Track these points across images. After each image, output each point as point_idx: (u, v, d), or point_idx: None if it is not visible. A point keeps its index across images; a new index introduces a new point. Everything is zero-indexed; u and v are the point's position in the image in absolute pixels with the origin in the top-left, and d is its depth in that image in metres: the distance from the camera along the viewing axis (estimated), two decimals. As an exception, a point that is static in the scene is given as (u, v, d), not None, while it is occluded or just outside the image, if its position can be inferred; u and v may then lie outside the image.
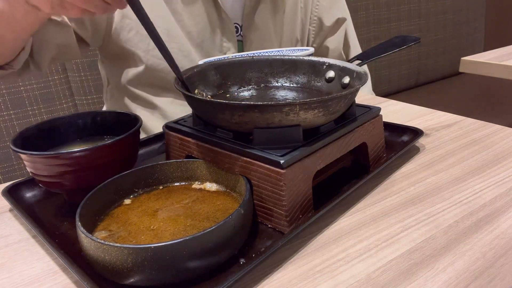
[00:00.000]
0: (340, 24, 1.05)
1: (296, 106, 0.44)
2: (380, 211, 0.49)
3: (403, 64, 2.00)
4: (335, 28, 1.04)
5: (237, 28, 0.92)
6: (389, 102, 0.86)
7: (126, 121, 0.58)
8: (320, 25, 1.03)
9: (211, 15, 0.87)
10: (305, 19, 1.00)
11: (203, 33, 0.88)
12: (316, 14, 1.02)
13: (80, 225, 0.39)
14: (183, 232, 0.42)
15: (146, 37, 0.82)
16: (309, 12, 1.01)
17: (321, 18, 1.02)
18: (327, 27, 1.03)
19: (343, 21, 1.04)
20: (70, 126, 0.59)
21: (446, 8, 2.09)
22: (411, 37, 0.65)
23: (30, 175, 0.53)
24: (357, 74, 0.55)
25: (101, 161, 0.50)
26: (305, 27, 1.02)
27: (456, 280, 0.38)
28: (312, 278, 0.40)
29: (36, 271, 0.43)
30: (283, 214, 0.44)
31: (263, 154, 0.45)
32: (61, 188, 0.51)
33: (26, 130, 0.55)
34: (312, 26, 1.03)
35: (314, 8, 1.01)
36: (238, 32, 0.92)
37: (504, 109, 1.77)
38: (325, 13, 1.02)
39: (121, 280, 0.38)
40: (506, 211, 0.47)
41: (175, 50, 0.87)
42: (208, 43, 0.89)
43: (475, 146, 0.63)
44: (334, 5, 1.03)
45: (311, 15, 1.01)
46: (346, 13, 1.06)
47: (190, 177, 0.52)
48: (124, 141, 0.52)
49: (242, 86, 0.63)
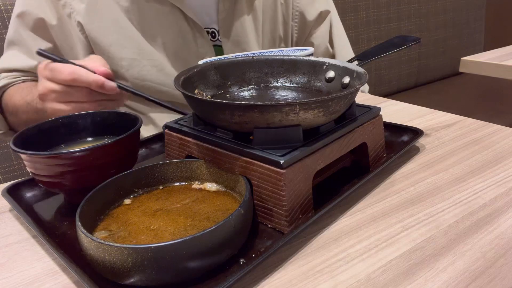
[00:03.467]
0: (323, 17, 1.01)
1: (296, 106, 0.44)
2: (380, 211, 0.49)
3: (403, 64, 2.00)
4: (319, 22, 1.01)
5: (214, 33, 0.91)
6: (389, 102, 0.86)
7: (126, 121, 0.58)
8: (303, 20, 1.00)
9: (180, 24, 0.86)
10: (286, 15, 0.98)
11: (176, 42, 0.87)
12: (298, 9, 0.99)
13: (80, 225, 0.39)
14: (183, 232, 0.42)
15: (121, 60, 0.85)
16: (290, 7, 0.98)
17: (303, 13, 0.99)
18: (310, 21, 1.00)
19: (327, 13, 1.01)
20: (70, 126, 0.59)
21: (446, 8, 2.09)
22: (411, 37, 0.65)
23: (30, 175, 0.53)
24: (357, 74, 0.55)
25: (101, 161, 0.50)
26: (287, 24, 0.99)
27: (456, 280, 0.38)
28: (312, 278, 0.40)
29: (36, 271, 0.43)
30: (283, 214, 0.45)
31: (263, 154, 0.45)
32: (61, 188, 0.51)
33: (27, 130, 0.55)
34: (294, 22, 1.00)
35: (296, 3, 0.98)
36: (216, 37, 0.91)
37: (504, 109, 1.77)
38: (307, 7, 0.99)
39: (121, 280, 0.38)
40: (506, 211, 0.47)
41: (147, 67, 0.87)
42: (183, 51, 0.88)
43: (475, 146, 0.63)
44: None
45: (292, 10, 0.98)
46: (329, 5, 1.03)
47: (190, 177, 0.52)
48: (124, 141, 0.52)
49: (242, 86, 0.63)
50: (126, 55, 0.86)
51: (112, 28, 0.84)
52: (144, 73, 0.87)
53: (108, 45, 0.85)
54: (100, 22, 0.84)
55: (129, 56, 0.86)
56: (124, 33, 0.85)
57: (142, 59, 0.86)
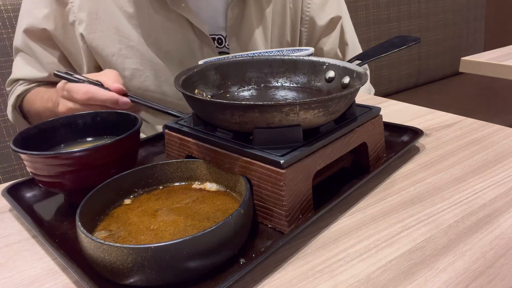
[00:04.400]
0: (335, 23, 0.99)
1: (296, 106, 0.44)
2: (380, 211, 0.49)
3: (403, 64, 2.00)
4: (330, 28, 0.99)
5: (221, 39, 0.90)
6: (389, 102, 0.86)
7: (126, 121, 0.58)
8: (313, 25, 0.98)
9: (186, 32, 0.85)
10: (295, 20, 0.96)
11: (181, 50, 0.87)
12: (308, 14, 0.97)
13: (80, 225, 0.39)
14: (183, 232, 0.42)
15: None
16: (299, 12, 0.96)
17: (313, 18, 0.97)
18: (321, 27, 0.98)
19: (338, 19, 0.99)
20: (70, 126, 0.59)
21: (446, 8, 2.09)
22: (411, 37, 0.65)
23: (30, 175, 0.53)
24: (357, 74, 0.55)
25: (101, 161, 0.50)
26: (295, 29, 0.97)
27: (456, 280, 0.38)
28: (312, 278, 0.40)
29: (36, 271, 0.43)
30: (283, 214, 0.45)
31: (263, 154, 0.45)
32: (61, 189, 0.51)
33: (27, 130, 0.55)
34: (304, 27, 0.98)
35: (306, 8, 0.96)
36: (223, 43, 0.90)
37: (504, 109, 1.77)
38: (318, 12, 0.97)
39: (121, 280, 0.38)
40: (506, 211, 0.47)
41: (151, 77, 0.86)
42: (188, 59, 0.87)
43: (475, 146, 0.63)
44: (327, 3, 0.98)
45: (302, 15, 0.97)
46: (341, 10, 1.00)
47: (190, 177, 0.52)
48: (124, 141, 0.52)
49: (242, 86, 0.63)
50: (128, 65, 0.85)
51: (114, 37, 0.83)
52: (147, 83, 0.86)
53: (110, 55, 0.84)
54: (101, 32, 0.83)
55: (132, 66, 0.85)
56: (127, 43, 0.84)
57: (145, 70, 0.85)
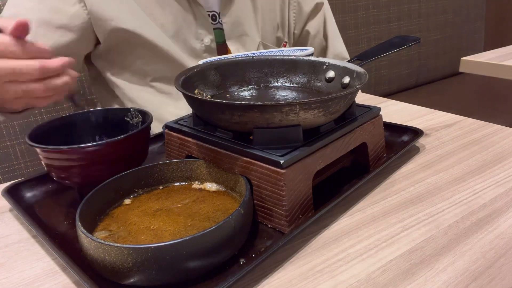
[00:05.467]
0: (319, 9, 1.07)
1: (296, 106, 0.44)
2: (380, 211, 0.49)
3: (403, 64, 2.00)
4: (315, 12, 1.07)
5: (215, 16, 0.93)
6: (389, 102, 0.86)
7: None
8: (300, 10, 1.06)
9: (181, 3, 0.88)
10: (283, 4, 1.03)
11: (177, 22, 0.89)
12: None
13: (80, 225, 0.39)
14: (183, 232, 0.42)
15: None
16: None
17: (300, 3, 1.05)
18: (307, 12, 1.06)
19: (321, 5, 1.07)
20: (82, 123, 0.61)
21: (446, 8, 2.09)
22: (411, 37, 0.65)
23: (45, 169, 0.54)
24: (357, 74, 0.55)
25: (113, 155, 0.51)
26: (283, 12, 1.04)
27: (456, 280, 0.38)
28: (312, 278, 0.40)
29: (36, 271, 0.43)
30: (283, 214, 0.45)
31: (263, 154, 0.45)
32: (74, 182, 0.53)
33: (40, 126, 0.57)
34: (292, 11, 1.06)
35: None
36: (217, 19, 0.93)
37: (504, 109, 1.77)
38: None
39: (121, 280, 0.38)
40: (506, 211, 0.47)
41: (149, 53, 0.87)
42: (183, 31, 0.89)
43: (475, 146, 0.63)
44: None
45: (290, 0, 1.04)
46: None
47: (190, 177, 0.52)
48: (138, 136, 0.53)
49: (242, 86, 0.63)
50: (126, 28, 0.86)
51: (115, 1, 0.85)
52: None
53: (109, 19, 0.85)
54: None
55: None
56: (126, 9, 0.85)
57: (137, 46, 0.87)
